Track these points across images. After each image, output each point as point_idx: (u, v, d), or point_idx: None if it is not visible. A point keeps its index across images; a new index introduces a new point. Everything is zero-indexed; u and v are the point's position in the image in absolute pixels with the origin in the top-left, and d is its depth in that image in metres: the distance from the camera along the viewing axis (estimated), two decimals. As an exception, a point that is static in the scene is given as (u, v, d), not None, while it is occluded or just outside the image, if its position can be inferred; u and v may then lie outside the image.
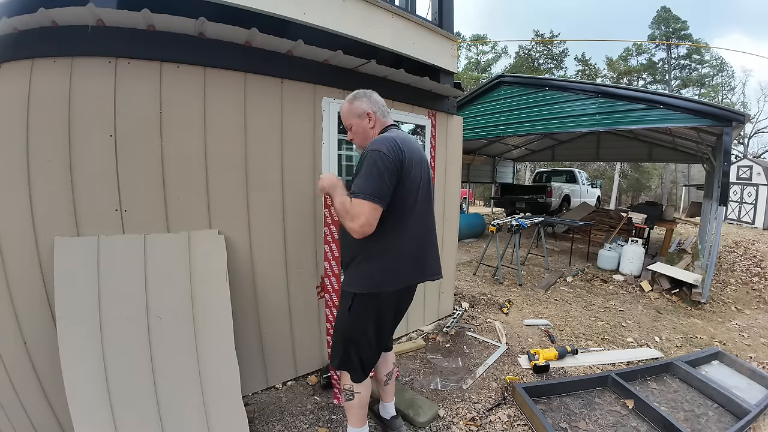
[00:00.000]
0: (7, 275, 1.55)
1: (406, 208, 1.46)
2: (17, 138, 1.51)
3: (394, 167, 1.37)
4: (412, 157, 1.46)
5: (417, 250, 1.54)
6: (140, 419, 1.59)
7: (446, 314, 3.53)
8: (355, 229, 1.34)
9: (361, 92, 1.60)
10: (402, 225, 1.47)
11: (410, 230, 1.50)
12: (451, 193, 3.33)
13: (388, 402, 1.90)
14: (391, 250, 1.46)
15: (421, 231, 1.56)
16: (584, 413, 2.11)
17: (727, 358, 2.73)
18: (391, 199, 1.39)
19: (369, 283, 1.46)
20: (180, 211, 1.84)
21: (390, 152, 1.37)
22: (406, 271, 1.52)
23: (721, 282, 5.09)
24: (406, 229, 1.48)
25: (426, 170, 1.58)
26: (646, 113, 4.75)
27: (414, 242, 1.53)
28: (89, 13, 1.48)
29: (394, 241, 1.46)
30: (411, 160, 1.45)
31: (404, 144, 1.45)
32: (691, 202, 13.29)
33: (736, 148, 20.57)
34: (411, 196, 1.47)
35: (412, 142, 1.52)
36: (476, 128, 6.91)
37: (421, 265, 1.58)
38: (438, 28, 2.93)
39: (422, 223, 1.56)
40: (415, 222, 1.51)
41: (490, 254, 5.72)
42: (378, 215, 1.35)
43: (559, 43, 26.89)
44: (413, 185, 1.48)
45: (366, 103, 1.56)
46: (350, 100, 1.59)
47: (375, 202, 1.33)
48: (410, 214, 1.48)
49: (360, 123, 1.57)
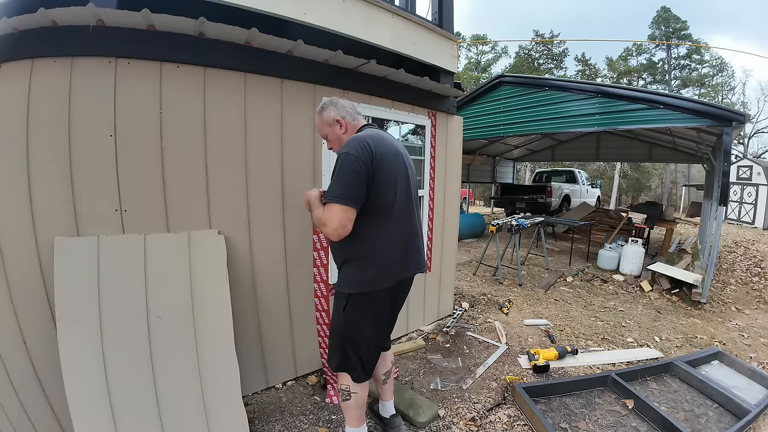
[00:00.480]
0: (7, 275, 1.55)
1: (387, 204, 1.48)
2: (17, 138, 1.52)
3: (363, 167, 1.38)
4: (385, 152, 1.47)
5: (403, 245, 1.56)
6: (140, 419, 1.59)
7: (446, 314, 3.53)
8: (330, 233, 1.37)
9: (327, 101, 1.63)
10: (386, 221, 1.49)
11: (395, 225, 1.52)
12: (451, 193, 3.33)
13: (387, 400, 1.90)
14: (377, 247, 1.48)
15: (406, 224, 1.57)
16: (584, 413, 2.11)
17: (727, 358, 2.73)
18: (370, 197, 1.41)
19: (362, 282, 1.48)
20: (180, 211, 1.84)
21: (358, 152, 1.38)
22: (397, 266, 1.54)
23: (721, 282, 5.09)
24: (391, 224, 1.50)
25: (403, 163, 1.58)
26: (646, 113, 4.75)
27: (400, 236, 1.55)
28: (89, 13, 1.48)
29: (381, 238, 1.48)
30: (383, 156, 1.45)
31: (374, 141, 1.46)
32: (691, 202, 13.31)
33: (736, 148, 20.58)
34: (389, 192, 1.48)
35: (383, 138, 1.53)
36: (476, 128, 6.91)
37: (408, 258, 1.60)
38: (438, 28, 2.93)
39: (406, 216, 1.58)
40: (398, 216, 1.53)
41: (490, 254, 5.72)
42: (351, 216, 1.37)
43: (559, 43, 26.90)
44: (389, 181, 1.48)
45: (333, 111, 1.60)
46: (319, 112, 1.63)
47: (345, 204, 1.35)
48: (392, 209, 1.50)
49: (332, 131, 1.61)
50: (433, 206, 3.12)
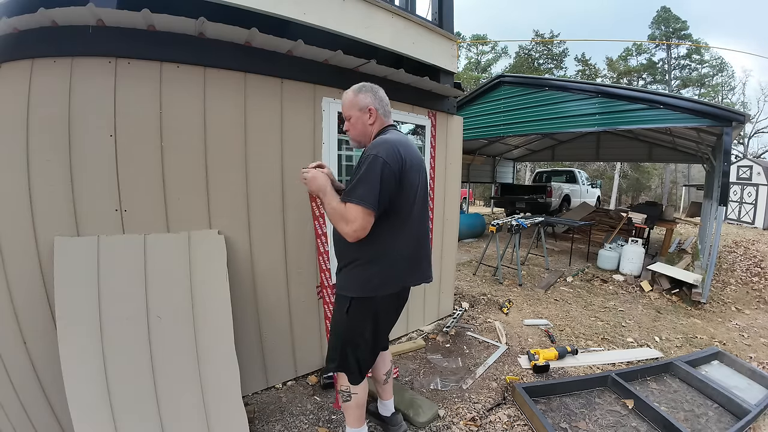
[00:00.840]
0: (7, 275, 1.55)
1: (403, 213, 1.46)
2: (17, 138, 1.51)
3: (392, 175, 1.36)
4: (412, 162, 1.46)
5: (413, 253, 1.55)
6: (140, 419, 1.59)
7: (446, 314, 3.53)
8: (349, 233, 1.35)
9: (368, 86, 1.56)
10: (398, 229, 1.47)
11: (407, 234, 1.50)
12: (451, 193, 3.33)
13: (387, 400, 1.90)
14: (387, 254, 1.45)
15: (417, 234, 1.57)
16: (584, 413, 2.11)
17: (727, 358, 2.73)
18: (389, 204, 1.39)
19: (367, 287, 1.46)
20: (180, 211, 1.84)
21: (390, 159, 1.36)
22: (403, 274, 1.53)
23: (721, 282, 5.09)
24: (403, 233, 1.48)
25: (423, 175, 1.59)
26: (646, 113, 4.75)
27: (410, 246, 1.53)
28: (89, 13, 1.48)
29: (390, 245, 1.45)
30: (410, 166, 1.45)
31: (405, 150, 1.44)
32: (691, 202, 13.30)
33: (736, 148, 20.56)
34: (408, 202, 1.48)
35: (411, 147, 1.52)
36: (476, 128, 6.91)
37: (416, 268, 1.59)
38: (438, 28, 2.93)
39: (418, 226, 1.57)
40: (411, 226, 1.52)
41: (490, 254, 5.72)
42: (372, 220, 1.35)
43: (559, 43, 26.89)
44: (411, 191, 1.48)
45: (371, 98, 1.53)
46: (355, 91, 1.55)
47: (369, 208, 1.32)
48: (407, 219, 1.49)
49: (360, 117, 1.53)
50: (433, 206, 3.11)
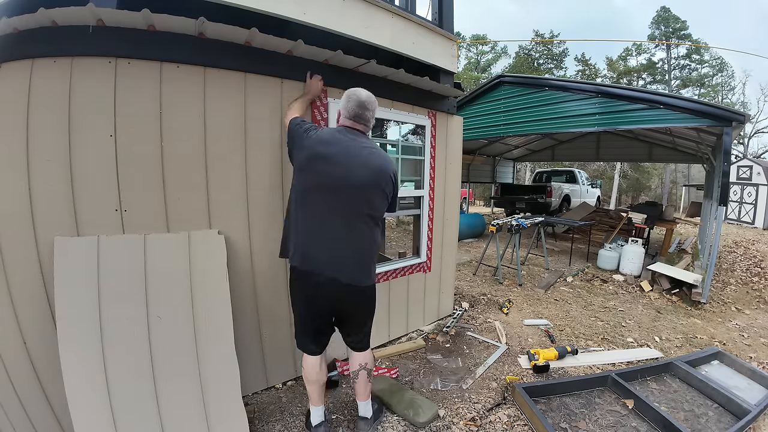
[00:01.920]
0: (7, 275, 1.55)
1: (308, 196, 1.63)
2: (17, 138, 1.51)
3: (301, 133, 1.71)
4: (329, 151, 1.61)
5: (319, 239, 1.62)
6: (140, 419, 1.59)
7: (446, 314, 3.53)
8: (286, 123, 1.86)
9: (349, 91, 1.75)
10: (301, 205, 1.65)
11: (315, 216, 1.62)
12: (451, 193, 3.33)
13: (361, 401, 1.92)
14: (292, 221, 1.69)
15: (336, 230, 1.62)
16: (584, 413, 2.11)
17: (727, 358, 2.73)
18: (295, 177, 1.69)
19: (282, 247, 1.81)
20: (180, 211, 1.84)
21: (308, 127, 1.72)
22: (308, 255, 1.62)
23: (721, 282, 5.09)
24: (304, 212, 1.64)
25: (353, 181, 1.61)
26: (646, 113, 4.75)
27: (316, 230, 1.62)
28: (89, 13, 1.48)
29: (293, 219, 1.68)
30: (324, 156, 1.61)
31: (325, 139, 1.65)
32: (691, 202, 13.32)
33: (736, 148, 20.55)
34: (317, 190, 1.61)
35: (338, 144, 1.64)
36: (476, 128, 6.91)
37: (336, 264, 1.62)
38: (438, 28, 2.93)
39: (339, 223, 1.62)
40: (322, 216, 1.62)
41: (490, 254, 5.72)
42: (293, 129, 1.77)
43: (559, 43, 26.89)
44: (318, 180, 1.61)
45: (343, 102, 1.74)
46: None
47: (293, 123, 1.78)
48: (311, 202, 1.62)
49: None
50: (433, 206, 3.12)
